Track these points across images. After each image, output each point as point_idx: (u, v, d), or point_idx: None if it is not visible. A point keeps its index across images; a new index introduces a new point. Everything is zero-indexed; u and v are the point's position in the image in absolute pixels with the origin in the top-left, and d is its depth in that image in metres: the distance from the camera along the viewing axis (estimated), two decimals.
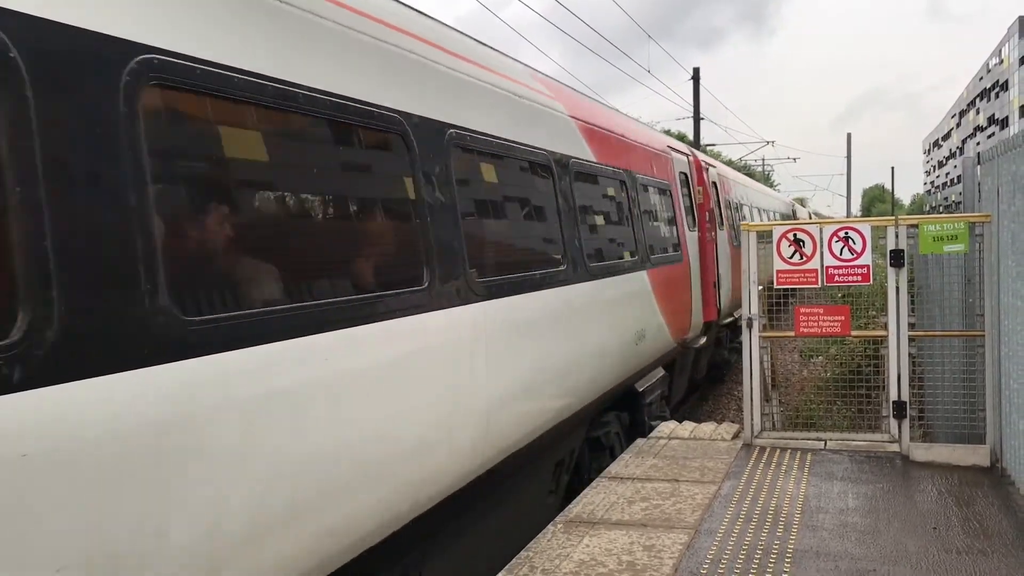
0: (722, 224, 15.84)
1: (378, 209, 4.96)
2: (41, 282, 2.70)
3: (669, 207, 11.78)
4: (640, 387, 9.69)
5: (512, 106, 6.85)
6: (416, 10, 5.85)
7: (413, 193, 5.04)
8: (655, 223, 10.90)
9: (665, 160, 12.08)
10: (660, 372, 10.60)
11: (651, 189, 10.89)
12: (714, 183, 15.69)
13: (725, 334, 16.44)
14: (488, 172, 6.32)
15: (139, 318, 3.03)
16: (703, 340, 13.04)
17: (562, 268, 7.18)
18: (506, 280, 6.11)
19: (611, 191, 9.28)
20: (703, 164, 14.96)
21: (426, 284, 5.00)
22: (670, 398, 11.43)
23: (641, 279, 9.58)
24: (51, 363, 2.72)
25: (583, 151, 8.29)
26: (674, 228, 11.90)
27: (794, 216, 38.33)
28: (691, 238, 12.67)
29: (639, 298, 9.50)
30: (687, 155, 13.96)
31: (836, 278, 7.61)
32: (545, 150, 7.26)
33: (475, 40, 6.94)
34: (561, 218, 7.40)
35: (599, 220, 8.81)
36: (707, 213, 13.93)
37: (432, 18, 6.11)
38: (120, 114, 3.08)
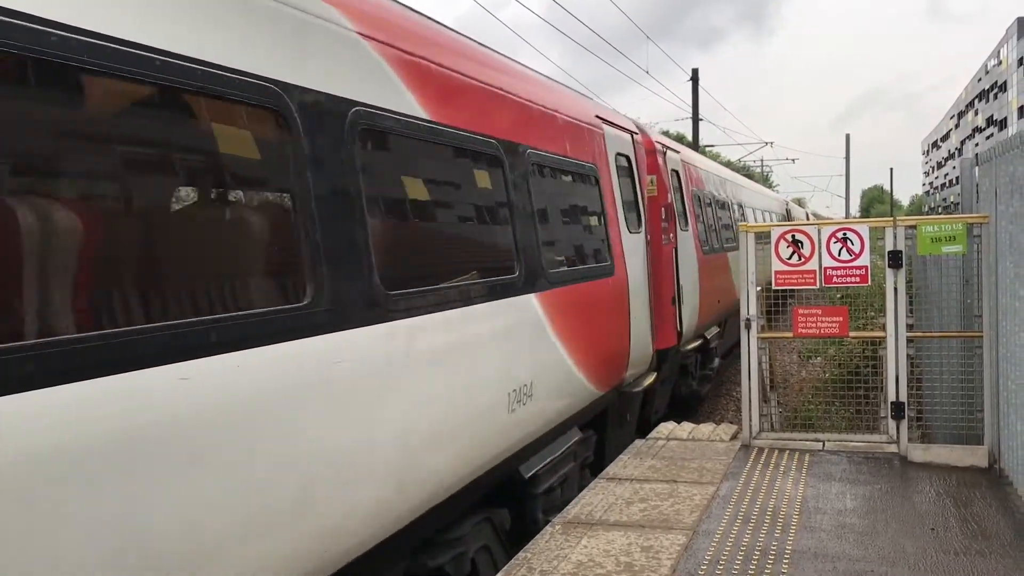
0: (687, 224, 12.83)
1: None
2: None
3: (594, 200, 8.68)
4: (529, 471, 6.66)
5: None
6: None
7: None
8: (563, 221, 7.88)
9: (591, 135, 8.78)
10: (575, 436, 7.71)
11: (558, 173, 7.86)
12: (675, 171, 12.56)
13: (694, 359, 13.23)
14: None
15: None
16: (651, 379, 10.01)
17: (307, 305, 4.05)
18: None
19: (465, 170, 6.11)
20: (657, 146, 11.49)
21: None
22: (603, 462, 8.39)
23: (526, 307, 6.51)
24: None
25: (395, 98, 5.05)
26: (602, 229, 8.75)
27: (789, 217, 35.61)
28: (632, 242, 9.56)
29: (519, 336, 6.38)
30: (632, 132, 10.61)
31: (834, 279, 7.61)
32: (272, 82, 3.96)
33: None
34: (313, 213, 4.15)
35: (431, 216, 5.85)
36: (662, 210, 10.90)
37: None
38: None
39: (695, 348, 12.86)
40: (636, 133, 10.82)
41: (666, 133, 35.42)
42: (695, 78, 35.47)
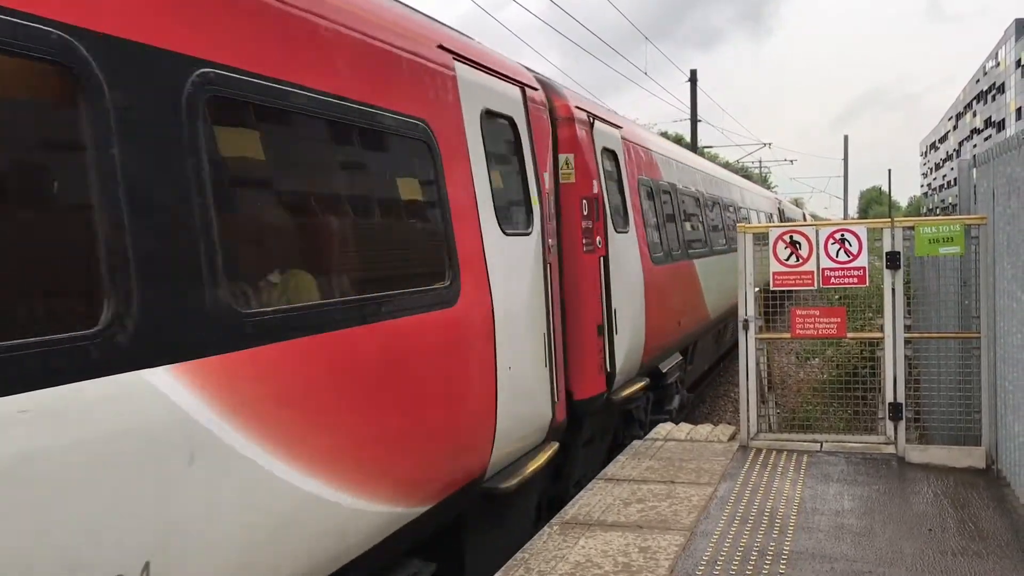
0: (626, 224, 9.81)
1: None
2: None
3: (413, 178, 5.52)
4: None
5: None
6: None
7: None
8: (329, 213, 4.69)
9: (420, 74, 5.47)
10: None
11: (322, 124, 4.50)
12: (610, 151, 9.50)
13: (642, 403, 10.23)
14: None
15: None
16: (549, 452, 6.85)
17: None
18: None
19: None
20: (577, 113, 8.34)
21: None
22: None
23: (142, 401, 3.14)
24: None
25: None
26: (434, 226, 5.50)
27: (783, 218, 31.77)
28: (510, 250, 6.41)
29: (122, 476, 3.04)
30: (524, 86, 7.26)
31: (832, 280, 7.62)
32: None
33: None
34: None
35: None
36: (583, 203, 8.03)
37: None
38: None
39: (641, 388, 9.68)
40: (532, 88, 7.48)
41: (664, 134, 35.35)
42: (693, 79, 35.50)
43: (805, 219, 45.60)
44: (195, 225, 3.50)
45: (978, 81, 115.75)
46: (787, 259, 7.71)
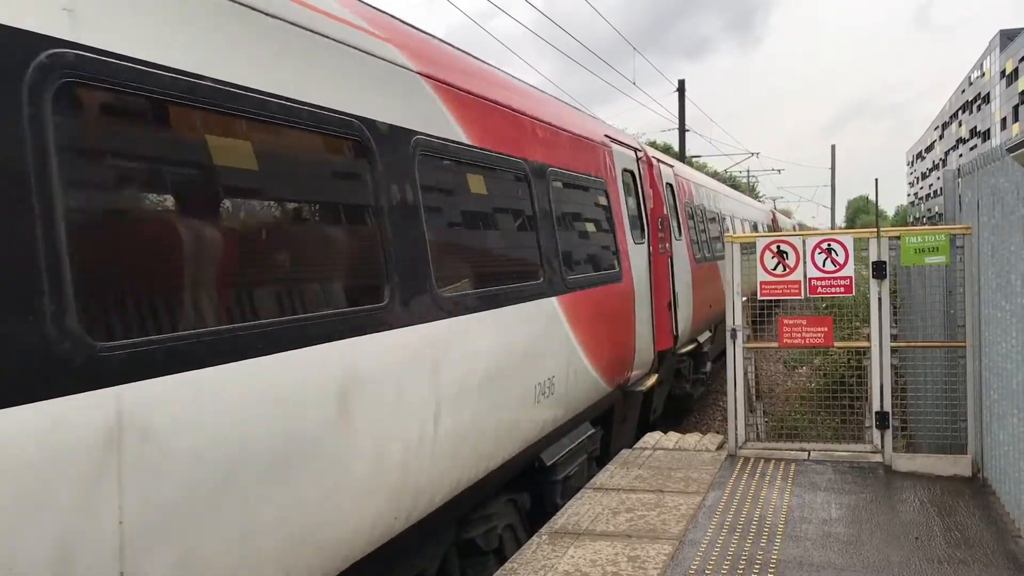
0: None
1: None
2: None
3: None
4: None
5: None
6: None
7: None
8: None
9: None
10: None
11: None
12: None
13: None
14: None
15: None
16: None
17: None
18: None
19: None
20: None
21: None
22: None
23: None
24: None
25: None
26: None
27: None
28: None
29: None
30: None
31: (819, 289, 7.67)
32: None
33: None
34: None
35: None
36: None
37: None
38: None
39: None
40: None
41: (652, 143, 35.53)
42: (681, 89, 35.65)
43: (794, 228, 46.37)
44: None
45: (963, 91, 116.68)
46: (774, 268, 7.76)
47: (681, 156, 35.37)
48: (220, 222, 3.80)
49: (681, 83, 35.71)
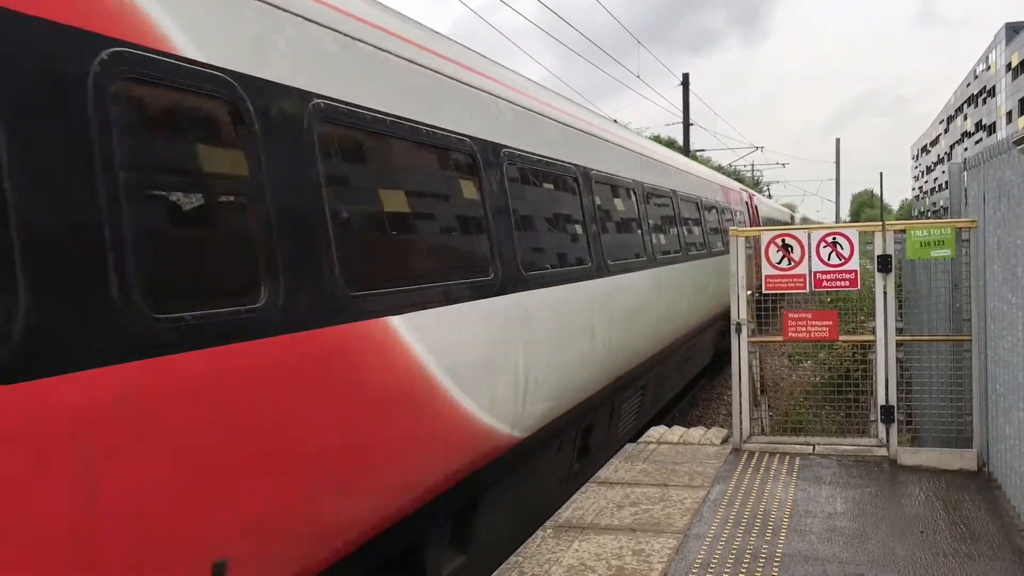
0: None
1: None
2: None
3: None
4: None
5: None
6: None
7: None
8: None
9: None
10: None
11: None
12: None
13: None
14: None
15: None
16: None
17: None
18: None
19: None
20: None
21: None
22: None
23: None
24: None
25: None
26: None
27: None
28: None
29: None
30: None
31: (824, 283, 7.65)
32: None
33: None
34: None
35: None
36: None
37: None
38: None
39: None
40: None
41: (656, 138, 35.48)
42: (685, 83, 35.56)
43: (792, 220, 46.64)
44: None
45: (969, 85, 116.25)
46: (779, 262, 7.73)
47: (685, 150, 35.30)
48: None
49: (685, 77, 35.61)
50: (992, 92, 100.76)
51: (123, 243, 3.05)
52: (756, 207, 23.70)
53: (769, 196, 66.38)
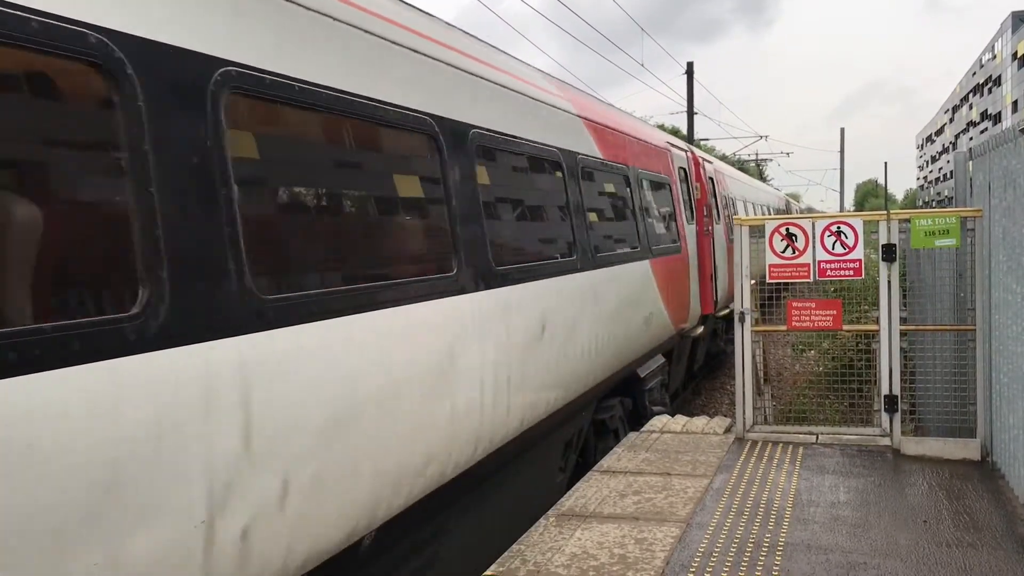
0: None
1: None
2: None
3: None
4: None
5: None
6: None
7: None
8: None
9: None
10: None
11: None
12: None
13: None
14: None
15: None
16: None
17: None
18: None
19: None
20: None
21: None
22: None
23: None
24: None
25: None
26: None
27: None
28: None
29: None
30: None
31: (828, 272, 7.63)
32: None
33: None
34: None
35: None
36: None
37: None
38: None
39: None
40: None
41: (661, 127, 35.36)
42: (690, 72, 35.43)
43: (798, 210, 47.54)
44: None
45: (974, 74, 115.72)
46: (783, 251, 7.71)
47: (689, 139, 35.21)
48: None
49: (690, 66, 35.49)
50: (998, 81, 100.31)
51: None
52: (712, 179, 16.38)
53: (762, 178, 65.53)
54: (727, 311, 15.99)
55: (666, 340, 11.42)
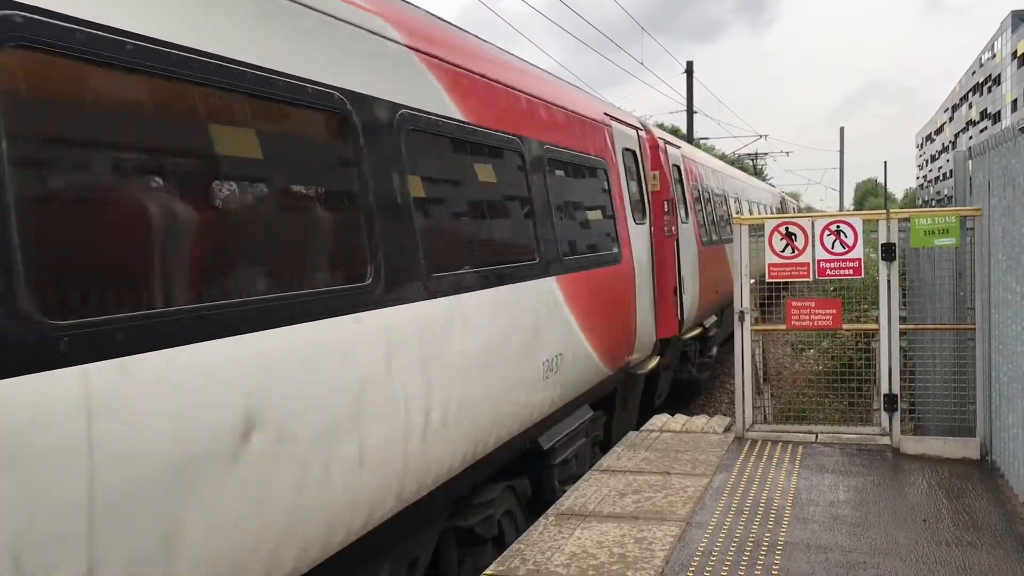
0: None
1: None
2: None
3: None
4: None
5: None
6: None
7: None
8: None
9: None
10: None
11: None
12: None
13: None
14: None
15: None
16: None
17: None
18: None
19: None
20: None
21: None
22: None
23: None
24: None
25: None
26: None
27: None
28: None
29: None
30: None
31: (828, 272, 7.63)
32: None
33: None
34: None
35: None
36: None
37: None
38: None
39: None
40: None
41: (660, 126, 35.39)
42: (689, 71, 35.42)
43: (797, 210, 46.70)
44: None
45: (974, 73, 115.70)
46: (783, 251, 7.71)
47: (689, 138, 35.20)
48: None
49: (689, 64, 35.48)
50: (997, 80, 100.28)
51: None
52: (679, 167, 13.29)
53: (757, 174, 65.00)
54: (699, 330, 13.59)
55: (595, 385, 8.25)
